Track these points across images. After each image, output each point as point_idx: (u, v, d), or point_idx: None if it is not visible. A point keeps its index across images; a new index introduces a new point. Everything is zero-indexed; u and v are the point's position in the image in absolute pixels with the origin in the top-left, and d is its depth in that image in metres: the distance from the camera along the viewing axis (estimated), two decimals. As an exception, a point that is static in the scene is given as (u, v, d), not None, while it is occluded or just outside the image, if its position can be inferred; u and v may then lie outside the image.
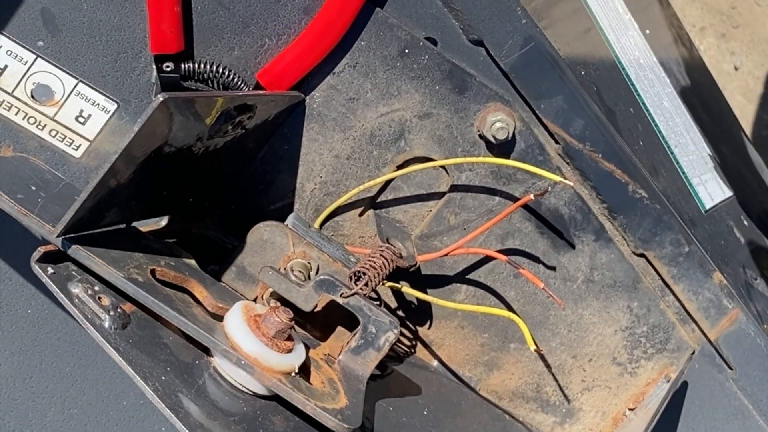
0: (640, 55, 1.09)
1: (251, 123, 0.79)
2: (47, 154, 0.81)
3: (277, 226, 0.81)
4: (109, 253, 0.69)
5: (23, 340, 0.87)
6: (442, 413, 0.86)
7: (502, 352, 0.93)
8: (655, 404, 0.85)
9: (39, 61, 0.79)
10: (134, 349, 0.65)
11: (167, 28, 0.78)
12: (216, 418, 0.65)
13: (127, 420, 0.90)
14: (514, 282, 0.90)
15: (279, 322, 0.69)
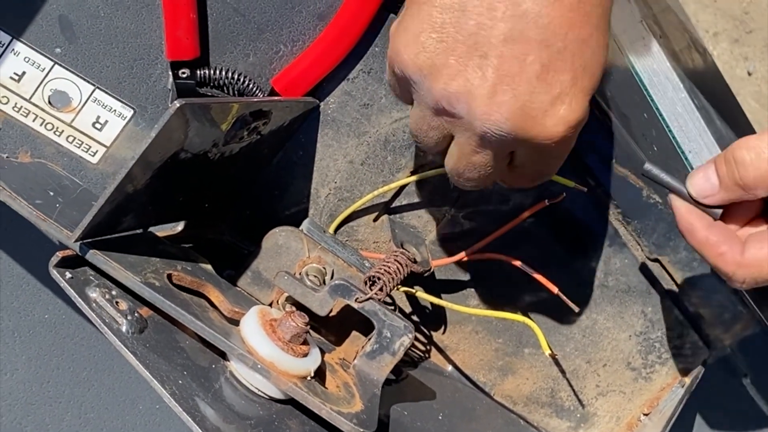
0: (654, 61, 1.10)
1: (266, 129, 0.79)
2: (65, 160, 0.82)
3: (292, 231, 0.81)
4: (126, 258, 0.69)
5: (41, 345, 0.87)
6: (457, 418, 0.86)
7: (516, 357, 0.93)
8: (669, 409, 0.85)
9: (56, 67, 0.80)
10: (151, 353, 0.65)
11: (183, 34, 0.79)
12: (232, 422, 0.66)
13: (144, 424, 0.90)
14: (528, 287, 0.90)
15: (294, 326, 0.70)
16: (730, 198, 0.71)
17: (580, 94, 0.65)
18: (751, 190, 0.70)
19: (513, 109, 0.64)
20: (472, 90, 0.65)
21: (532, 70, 0.64)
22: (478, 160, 0.70)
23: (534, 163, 0.70)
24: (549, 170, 0.73)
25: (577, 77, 0.65)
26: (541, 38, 0.63)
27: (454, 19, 0.64)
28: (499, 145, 0.67)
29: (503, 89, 0.64)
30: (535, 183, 0.74)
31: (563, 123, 0.65)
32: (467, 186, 0.73)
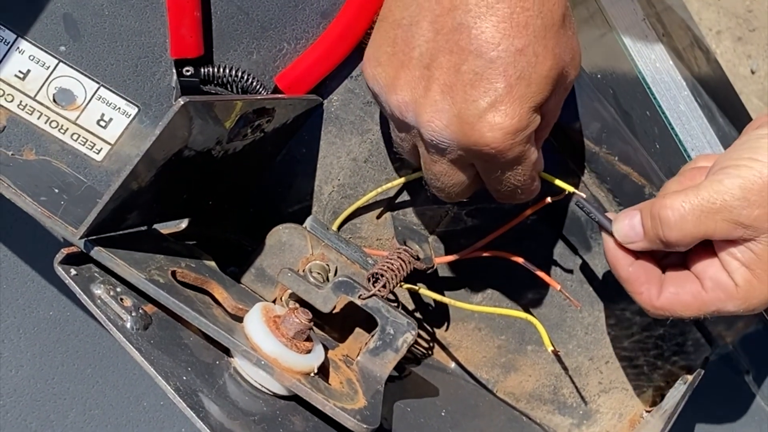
0: (657, 59, 1.10)
1: (270, 126, 0.80)
2: (69, 157, 0.82)
3: (295, 228, 0.81)
4: (130, 255, 0.69)
5: (45, 342, 0.88)
6: (460, 414, 0.86)
7: (519, 354, 0.93)
8: (671, 406, 0.86)
9: (61, 65, 0.80)
10: (155, 350, 0.66)
11: (187, 32, 0.79)
12: (236, 418, 0.66)
13: (148, 421, 0.91)
14: (531, 284, 0.90)
15: (298, 323, 0.70)
16: (652, 248, 0.76)
17: (515, 103, 0.68)
18: (673, 247, 0.74)
19: (450, 116, 0.69)
20: (417, 99, 0.70)
21: (467, 79, 0.67)
22: (438, 170, 0.74)
23: (494, 173, 0.73)
24: (516, 181, 0.74)
25: (512, 86, 0.67)
26: (474, 48, 0.67)
27: (403, 33, 0.70)
28: (449, 154, 0.71)
29: (443, 98, 0.68)
30: (516, 196, 0.76)
31: (498, 129, 0.68)
32: (442, 197, 0.78)
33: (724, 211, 0.71)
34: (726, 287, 0.73)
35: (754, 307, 0.73)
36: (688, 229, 0.72)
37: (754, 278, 0.72)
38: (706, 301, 0.74)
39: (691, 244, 0.73)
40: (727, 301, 0.73)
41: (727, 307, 0.74)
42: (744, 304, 0.73)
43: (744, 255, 0.72)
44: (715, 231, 0.71)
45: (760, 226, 0.70)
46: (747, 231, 0.71)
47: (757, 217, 0.70)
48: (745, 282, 0.72)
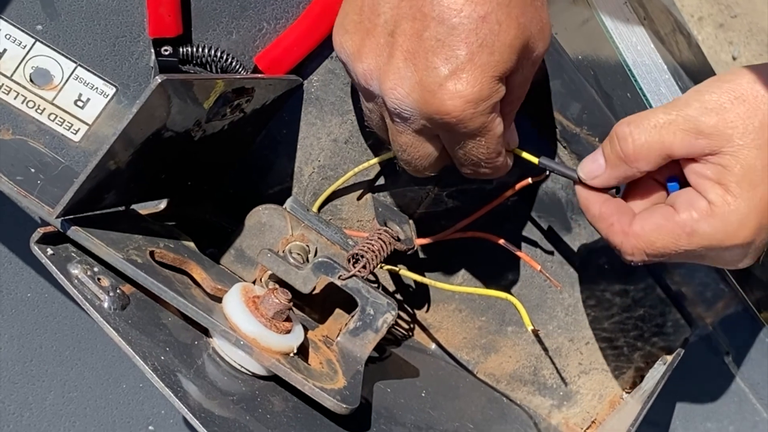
0: (638, 42, 1.10)
1: (250, 107, 0.79)
2: (46, 137, 0.82)
3: (275, 209, 0.81)
4: (108, 235, 0.69)
5: (23, 324, 0.87)
6: (440, 395, 0.86)
7: (499, 336, 0.93)
8: (651, 387, 0.86)
9: (38, 44, 0.80)
10: (133, 330, 0.65)
11: (165, 11, 0.78)
12: (215, 398, 0.66)
13: (127, 403, 0.90)
14: (512, 265, 0.90)
15: (277, 303, 0.70)
16: (617, 175, 0.73)
17: (477, 71, 0.67)
18: (632, 163, 0.71)
19: (412, 84, 0.68)
20: (381, 67, 0.70)
21: (429, 46, 0.67)
22: (404, 141, 0.73)
23: (457, 144, 0.72)
24: (480, 154, 0.73)
25: (474, 53, 0.67)
26: (436, 14, 0.67)
27: (370, 1, 0.69)
28: (412, 124, 0.71)
29: (405, 65, 0.68)
30: (480, 171, 0.75)
31: (459, 97, 0.67)
32: (410, 170, 0.77)
33: (681, 121, 0.69)
34: (699, 206, 0.70)
35: (734, 229, 0.69)
36: (646, 141, 0.70)
37: (728, 194, 0.69)
38: (680, 222, 0.70)
39: (653, 161, 0.71)
40: (701, 220, 0.69)
41: (703, 228, 0.69)
42: (721, 223, 0.69)
43: (713, 171, 0.69)
44: (673, 143, 0.69)
45: (722, 134, 0.68)
46: (709, 142, 0.68)
47: (716, 124, 0.68)
48: (719, 198, 0.69)
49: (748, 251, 0.71)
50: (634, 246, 0.72)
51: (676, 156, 0.70)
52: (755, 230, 0.69)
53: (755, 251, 0.72)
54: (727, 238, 0.69)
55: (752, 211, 0.69)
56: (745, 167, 0.68)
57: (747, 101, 0.69)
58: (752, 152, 0.68)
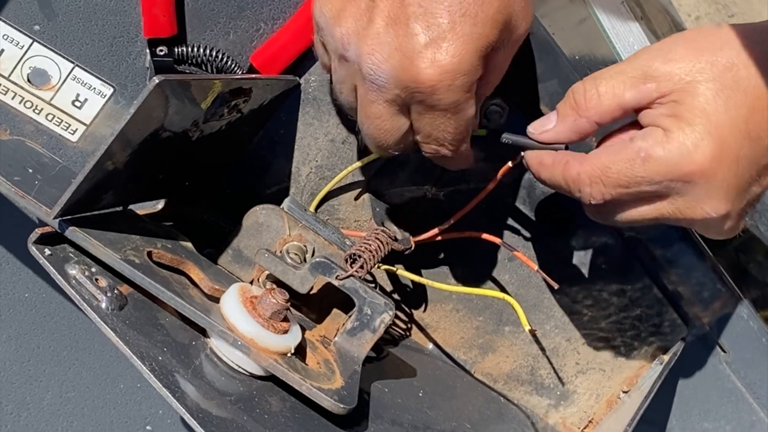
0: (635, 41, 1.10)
1: (247, 107, 0.79)
2: (44, 138, 0.82)
3: (273, 209, 0.81)
4: (105, 235, 0.69)
5: (21, 324, 0.87)
6: (438, 395, 0.86)
7: (497, 335, 0.94)
8: (648, 386, 0.86)
9: (35, 45, 0.80)
10: (131, 330, 0.65)
11: (159, 12, 0.78)
12: (212, 398, 0.66)
13: (125, 403, 0.90)
14: (509, 265, 0.90)
15: (275, 303, 0.70)
16: (567, 127, 0.72)
17: (458, 41, 0.66)
18: (583, 112, 0.71)
19: (391, 49, 0.67)
20: (360, 31, 0.68)
21: (411, 12, 0.66)
22: (374, 111, 0.71)
23: (426, 118, 0.70)
24: (447, 133, 0.71)
25: (456, 23, 0.66)
26: None
27: None
28: (386, 92, 0.69)
29: (386, 30, 0.67)
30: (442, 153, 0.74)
31: (437, 66, 0.66)
32: (374, 146, 0.75)
33: (630, 69, 0.69)
34: (654, 134, 0.69)
35: (689, 152, 0.67)
36: (597, 91, 0.70)
37: (681, 121, 0.68)
38: (635, 147, 0.69)
39: (604, 112, 0.70)
40: (656, 145, 0.68)
41: (658, 152, 0.68)
42: (676, 146, 0.67)
43: (666, 108, 0.69)
44: (624, 91, 0.69)
45: (669, 74, 0.68)
46: (657, 84, 0.68)
47: (663, 67, 0.68)
48: (673, 125, 0.68)
49: (714, 188, 0.69)
50: (590, 174, 0.71)
51: (629, 105, 0.70)
52: (713, 157, 0.67)
53: (723, 193, 0.69)
54: (683, 162, 0.68)
55: (708, 136, 0.67)
56: (696, 98, 0.68)
57: (694, 45, 0.69)
58: (701, 86, 0.68)
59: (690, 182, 0.68)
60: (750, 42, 0.69)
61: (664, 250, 0.89)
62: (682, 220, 0.71)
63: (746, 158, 0.68)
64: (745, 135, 0.68)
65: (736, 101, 0.67)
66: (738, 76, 0.68)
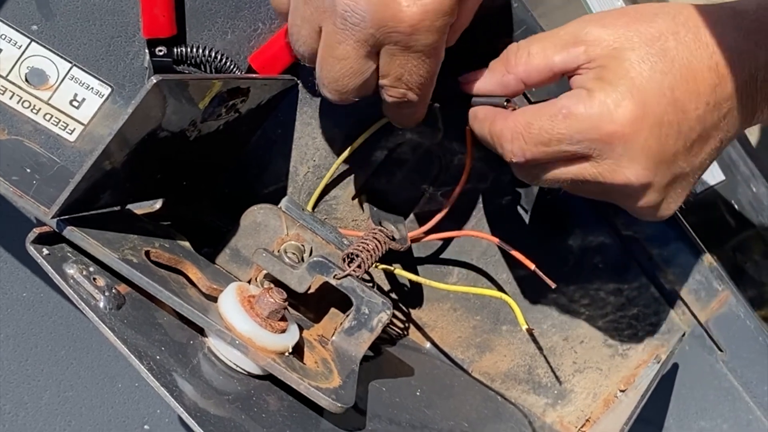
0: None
1: (245, 107, 0.79)
2: (42, 137, 0.82)
3: (270, 208, 0.81)
4: (103, 235, 0.69)
5: (19, 324, 0.87)
6: (435, 394, 0.86)
7: (494, 334, 0.94)
8: (645, 385, 0.86)
9: (33, 45, 0.80)
10: (129, 329, 0.65)
11: (159, 12, 0.78)
12: (210, 397, 0.66)
13: (123, 402, 0.90)
14: (506, 264, 0.91)
15: (273, 302, 0.70)
16: (494, 81, 0.74)
17: None
18: (512, 68, 0.72)
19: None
20: None
21: None
22: (340, 52, 0.69)
23: (397, 61, 0.69)
24: (418, 77, 0.71)
25: None
26: None
27: None
28: (358, 32, 0.67)
29: None
30: (404, 105, 0.73)
31: (419, 5, 0.65)
32: (330, 91, 0.73)
33: (563, 33, 0.71)
34: (578, 93, 0.70)
35: (610, 110, 0.68)
36: (529, 52, 0.71)
37: (604, 82, 0.69)
38: (557, 104, 0.70)
39: (533, 72, 0.72)
40: (579, 103, 0.69)
41: (579, 109, 0.68)
42: (597, 104, 0.68)
43: (593, 73, 0.70)
44: (554, 53, 0.71)
45: (599, 40, 0.69)
46: (586, 48, 0.69)
47: (594, 32, 0.69)
48: (596, 84, 0.69)
49: (635, 150, 0.69)
50: (513, 130, 0.71)
51: (557, 67, 0.71)
52: (634, 118, 0.68)
53: (644, 157, 0.69)
54: (603, 121, 0.68)
55: (629, 96, 0.68)
56: (621, 63, 0.68)
57: (628, 14, 0.70)
58: (627, 52, 0.68)
59: (610, 143, 0.69)
60: (684, 16, 0.70)
61: (661, 249, 0.89)
62: (605, 186, 0.71)
63: (671, 125, 0.69)
64: (671, 102, 0.68)
65: (662, 67, 0.68)
66: (666, 45, 0.69)
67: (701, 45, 0.69)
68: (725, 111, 0.70)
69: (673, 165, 0.70)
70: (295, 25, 0.72)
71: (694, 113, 0.69)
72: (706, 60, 0.69)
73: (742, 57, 0.69)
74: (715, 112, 0.70)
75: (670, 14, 0.70)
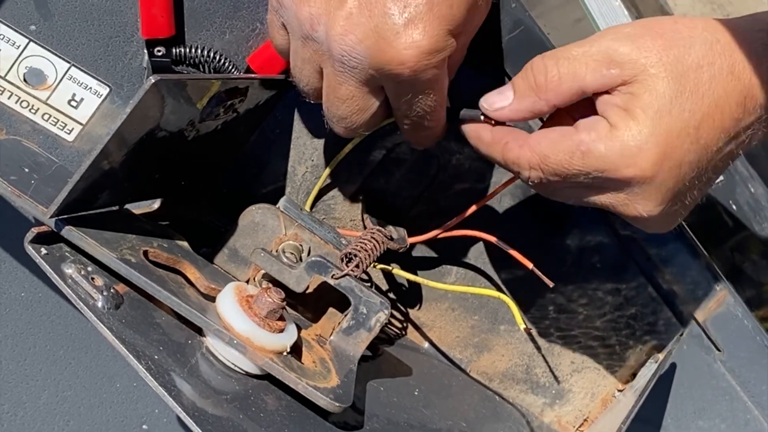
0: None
1: (243, 107, 0.79)
2: (40, 137, 0.82)
3: (268, 208, 0.81)
4: (102, 234, 0.69)
5: (17, 323, 0.87)
6: (433, 394, 0.87)
7: (492, 334, 0.94)
8: (642, 385, 0.86)
9: (31, 45, 0.80)
10: (127, 329, 0.65)
11: (158, 12, 0.79)
12: (208, 397, 0.66)
13: (121, 402, 0.90)
14: (504, 264, 0.91)
15: (271, 302, 0.70)
16: (524, 107, 0.70)
17: (435, 21, 0.66)
18: (542, 93, 0.68)
19: (366, 30, 0.65)
20: (330, 11, 0.66)
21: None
22: (344, 93, 0.70)
23: (404, 97, 0.70)
24: (427, 107, 0.71)
25: (434, 4, 0.66)
26: None
27: None
28: (358, 74, 0.68)
29: (360, 11, 0.66)
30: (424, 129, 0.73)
31: (415, 47, 0.65)
32: (342, 128, 0.74)
33: (595, 52, 0.67)
34: (600, 127, 0.67)
35: (632, 154, 0.65)
36: (559, 72, 0.68)
37: (630, 119, 0.66)
38: (576, 139, 0.67)
39: (565, 94, 0.68)
40: (599, 140, 0.66)
41: (599, 148, 0.66)
42: (618, 145, 0.66)
43: (622, 99, 0.66)
44: (586, 74, 0.67)
45: (635, 62, 0.66)
46: (621, 71, 0.66)
47: (629, 53, 0.66)
48: (621, 121, 0.66)
49: (651, 190, 0.67)
50: (529, 159, 0.69)
51: (589, 89, 0.68)
52: (655, 162, 0.66)
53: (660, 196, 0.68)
54: (623, 164, 0.66)
55: (654, 139, 0.65)
56: (653, 95, 0.65)
57: (665, 36, 0.67)
58: (663, 82, 0.66)
59: (629, 184, 0.67)
60: (722, 45, 0.67)
61: (658, 249, 0.89)
62: (618, 214, 0.71)
63: (690, 164, 0.67)
64: (694, 140, 0.67)
65: (692, 105, 0.66)
66: (700, 78, 0.66)
67: (734, 78, 0.66)
68: (742, 139, 0.69)
69: (686, 196, 0.70)
70: (296, 67, 0.73)
71: (715, 147, 0.68)
72: (735, 96, 0.67)
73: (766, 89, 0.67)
74: (733, 141, 0.68)
75: (708, 41, 0.67)
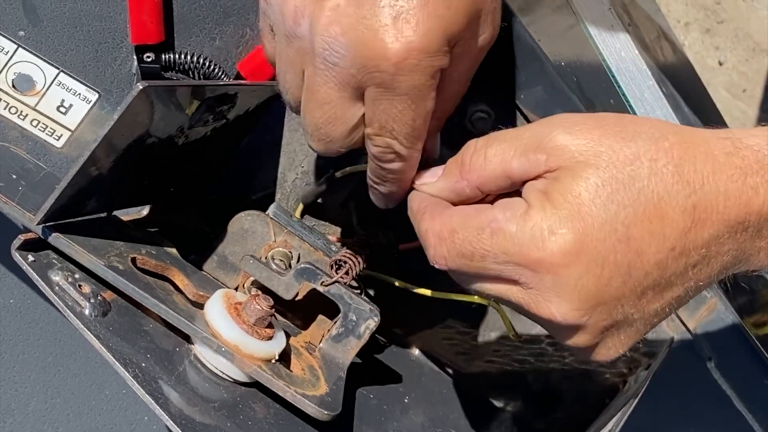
0: (622, 48, 1.10)
1: (232, 113, 0.79)
2: (28, 143, 0.81)
3: (258, 215, 0.81)
4: (89, 241, 0.69)
5: (5, 331, 0.87)
6: (423, 401, 0.86)
7: (482, 341, 0.94)
8: (633, 392, 0.86)
9: (20, 50, 0.80)
10: (114, 336, 0.65)
11: (148, 18, 0.78)
12: (196, 405, 0.66)
13: (110, 409, 0.90)
14: (495, 271, 0.90)
15: (259, 309, 0.70)
16: (447, 186, 0.65)
17: (428, 18, 0.61)
18: (466, 174, 0.63)
19: (352, 21, 0.61)
20: (316, 3, 0.63)
21: None
22: (322, 96, 0.65)
23: (383, 105, 0.64)
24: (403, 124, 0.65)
25: (430, 1, 0.61)
26: None
27: None
28: (339, 72, 0.63)
29: (347, 3, 0.62)
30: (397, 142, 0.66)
31: (404, 42, 0.61)
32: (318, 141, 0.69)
33: (528, 136, 0.60)
34: (515, 207, 0.60)
35: (543, 237, 0.58)
36: (487, 154, 0.62)
37: (547, 201, 0.58)
38: (489, 216, 0.60)
39: (489, 178, 0.62)
40: (511, 220, 0.59)
41: (510, 228, 0.58)
42: (530, 227, 0.58)
43: (544, 183, 0.59)
44: (513, 157, 0.60)
45: (563, 149, 0.59)
46: (548, 156, 0.59)
47: (560, 140, 0.59)
48: (538, 203, 0.58)
49: (564, 287, 0.59)
50: (438, 234, 0.63)
51: (515, 174, 0.61)
52: (568, 251, 0.58)
53: (575, 296, 0.59)
54: (532, 246, 0.58)
55: (569, 224, 0.58)
56: (576, 181, 0.58)
57: (605, 128, 0.60)
58: (591, 169, 0.58)
59: (537, 272, 0.59)
60: (671, 142, 0.59)
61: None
62: (531, 316, 0.62)
63: (617, 266, 0.58)
64: (623, 239, 0.58)
65: (622, 198, 0.58)
66: (636, 173, 0.58)
67: (680, 181, 0.58)
68: (696, 259, 0.59)
69: (615, 310, 0.60)
70: (281, 72, 0.69)
71: (653, 257, 0.58)
72: (681, 200, 0.58)
73: (729, 202, 0.58)
74: (682, 259, 0.59)
75: (654, 137, 0.59)
